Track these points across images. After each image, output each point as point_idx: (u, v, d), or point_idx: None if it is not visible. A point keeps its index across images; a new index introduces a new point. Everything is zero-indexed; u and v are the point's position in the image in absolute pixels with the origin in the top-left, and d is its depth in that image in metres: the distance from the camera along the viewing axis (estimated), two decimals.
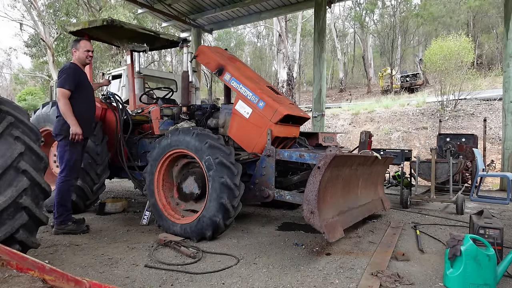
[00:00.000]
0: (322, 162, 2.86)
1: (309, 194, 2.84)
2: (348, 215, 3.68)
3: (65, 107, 3.78)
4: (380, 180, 4.98)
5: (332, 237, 3.00)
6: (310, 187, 2.84)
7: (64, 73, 3.85)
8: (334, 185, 3.38)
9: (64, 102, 3.78)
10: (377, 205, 4.63)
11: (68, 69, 3.90)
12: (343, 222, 3.46)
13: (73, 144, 3.87)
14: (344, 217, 3.53)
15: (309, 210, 2.82)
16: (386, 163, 4.94)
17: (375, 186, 4.74)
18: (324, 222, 2.98)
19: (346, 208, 3.68)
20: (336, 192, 3.47)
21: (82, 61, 4.05)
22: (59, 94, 3.80)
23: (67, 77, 3.83)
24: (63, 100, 3.78)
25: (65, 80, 3.82)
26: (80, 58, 4.04)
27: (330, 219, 3.15)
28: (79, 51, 4.02)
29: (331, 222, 3.11)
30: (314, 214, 2.81)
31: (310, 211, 2.82)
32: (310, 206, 2.82)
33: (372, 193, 4.59)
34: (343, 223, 3.45)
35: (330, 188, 3.27)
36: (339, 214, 3.43)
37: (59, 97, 3.80)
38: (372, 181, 4.61)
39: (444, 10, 30.48)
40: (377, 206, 4.63)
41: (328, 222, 3.05)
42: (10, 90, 38.24)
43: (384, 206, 4.77)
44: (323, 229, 2.88)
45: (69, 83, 3.82)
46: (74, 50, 4.04)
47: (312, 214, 2.81)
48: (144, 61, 24.30)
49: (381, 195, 4.86)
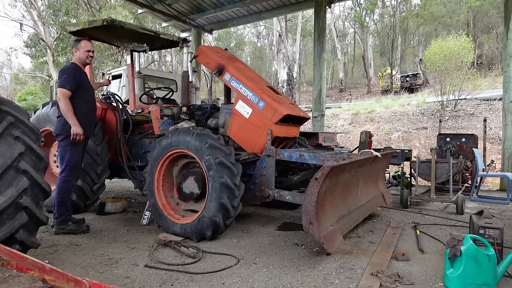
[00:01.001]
0: (319, 173, 2.84)
1: (308, 205, 2.82)
2: (348, 219, 3.67)
3: (66, 107, 3.79)
4: (381, 175, 4.95)
5: (331, 247, 3.00)
6: (308, 198, 2.82)
7: (65, 73, 3.86)
8: (333, 192, 3.36)
9: (65, 103, 3.79)
10: (378, 201, 4.61)
11: (69, 69, 3.90)
12: (343, 227, 3.45)
13: (74, 144, 3.87)
14: (344, 222, 3.52)
15: (308, 221, 2.82)
16: (387, 157, 4.92)
17: (375, 182, 4.72)
18: (323, 232, 2.97)
19: (346, 212, 3.67)
20: (335, 198, 3.45)
21: (82, 61, 4.06)
22: (59, 94, 3.81)
23: (68, 77, 3.84)
24: (64, 100, 3.79)
25: (66, 80, 3.83)
26: (80, 58, 4.04)
27: (329, 228, 3.13)
28: (79, 51, 4.03)
29: (330, 231, 3.09)
30: (313, 225, 2.81)
31: (309, 222, 2.82)
32: (308, 217, 2.81)
33: (372, 190, 4.58)
34: (343, 229, 3.44)
35: (329, 197, 3.25)
36: (338, 220, 3.41)
37: (60, 97, 3.80)
38: (373, 178, 4.59)
39: (444, 10, 30.49)
40: (378, 202, 4.61)
41: (327, 232, 3.03)
42: (10, 90, 38.22)
43: (385, 200, 4.75)
44: (322, 240, 2.88)
45: (70, 83, 3.83)
46: (75, 50, 4.05)
47: (311, 225, 2.81)
48: (144, 61, 24.29)
49: (382, 189, 4.84)
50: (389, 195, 4.89)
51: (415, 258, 3.21)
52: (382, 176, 5.04)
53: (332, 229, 3.16)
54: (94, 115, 4.26)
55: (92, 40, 5.21)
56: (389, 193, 4.95)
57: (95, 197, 4.86)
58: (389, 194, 4.89)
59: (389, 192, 5.01)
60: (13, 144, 2.46)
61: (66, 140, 3.88)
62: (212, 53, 4.40)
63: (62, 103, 3.79)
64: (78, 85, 3.90)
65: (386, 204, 4.79)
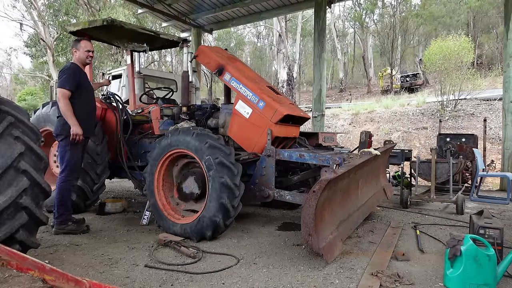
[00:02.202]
0: (317, 187, 2.82)
1: (306, 217, 2.81)
2: (348, 222, 3.63)
3: (66, 108, 3.79)
4: (381, 169, 4.90)
5: (331, 257, 3.00)
6: (307, 210, 2.81)
7: (65, 73, 3.86)
8: (332, 201, 3.33)
9: (65, 103, 3.80)
10: (379, 197, 4.58)
11: (69, 69, 3.90)
12: (343, 233, 3.43)
13: (73, 144, 3.88)
14: (344, 227, 3.49)
15: (307, 232, 2.82)
16: (387, 152, 4.90)
17: (376, 178, 4.68)
18: (323, 242, 2.95)
19: (346, 216, 3.63)
20: (335, 206, 3.41)
21: (82, 61, 4.06)
22: (59, 94, 3.81)
23: (68, 77, 3.84)
24: (63, 100, 3.80)
25: (66, 80, 3.83)
26: (80, 58, 4.04)
27: (329, 237, 3.11)
28: (79, 51, 4.03)
29: (329, 241, 3.07)
30: (312, 236, 2.81)
31: (308, 234, 2.81)
32: (307, 228, 2.81)
33: (373, 187, 4.54)
34: (343, 234, 3.42)
35: (327, 206, 3.22)
36: (338, 226, 3.38)
37: (60, 97, 3.81)
38: (374, 174, 4.57)
39: (444, 10, 30.48)
40: (379, 198, 4.58)
41: (326, 242, 3.01)
42: (10, 90, 38.20)
43: (387, 194, 4.72)
44: (321, 251, 2.87)
45: (70, 84, 3.83)
46: (75, 50, 4.05)
47: (310, 236, 2.81)
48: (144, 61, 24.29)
49: (383, 184, 4.80)
50: (391, 189, 4.84)
51: (415, 258, 3.21)
52: (383, 170, 4.98)
53: (332, 238, 3.13)
54: (94, 115, 4.26)
55: (92, 40, 5.22)
56: (391, 187, 4.89)
57: (95, 197, 4.86)
58: (390, 188, 4.84)
59: (391, 185, 4.94)
60: (13, 144, 2.46)
61: (66, 140, 3.88)
62: (212, 53, 4.40)
63: (62, 103, 3.79)
64: (78, 85, 3.91)
65: (388, 198, 4.76)
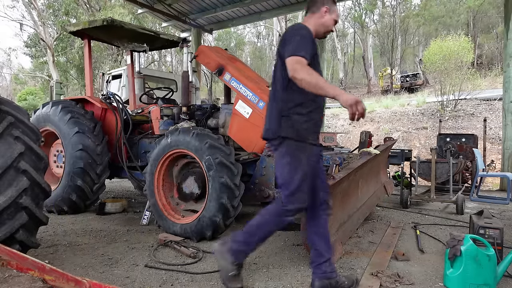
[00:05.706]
0: None
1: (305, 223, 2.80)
2: (348, 224, 3.61)
3: (311, 77, 2.16)
4: (382, 166, 4.88)
5: None
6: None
7: (298, 34, 2.35)
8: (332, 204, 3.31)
9: (308, 72, 2.18)
10: (380, 194, 4.55)
11: (305, 30, 2.40)
12: (343, 236, 3.41)
13: (302, 148, 2.38)
14: (343, 229, 3.47)
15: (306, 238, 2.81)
16: (387, 149, 4.88)
17: (377, 176, 4.66)
18: None
19: (346, 218, 3.60)
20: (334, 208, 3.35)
21: (326, 28, 2.54)
22: (292, 63, 2.23)
23: (305, 41, 2.33)
24: (303, 69, 2.19)
25: (301, 44, 2.29)
26: (325, 25, 2.52)
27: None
28: (328, 15, 2.51)
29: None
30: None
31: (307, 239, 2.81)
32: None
33: (373, 184, 4.52)
34: (343, 237, 3.41)
35: None
36: (338, 229, 3.36)
37: (295, 68, 2.20)
38: (374, 172, 4.55)
39: (444, 10, 30.47)
40: (379, 196, 4.56)
41: None
42: (10, 90, 38.20)
43: (387, 191, 4.70)
44: None
45: (308, 50, 2.30)
46: (326, 9, 2.49)
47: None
48: (144, 61, 24.29)
49: (384, 181, 4.78)
50: (391, 185, 4.80)
51: (415, 258, 3.21)
52: (384, 167, 4.96)
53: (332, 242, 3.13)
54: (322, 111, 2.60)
55: (92, 40, 5.23)
56: (391, 183, 4.85)
57: (95, 197, 4.85)
58: (391, 184, 4.81)
59: (391, 182, 4.91)
60: (13, 144, 2.46)
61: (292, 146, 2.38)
62: (212, 53, 4.40)
63: (302, 74, 2.17)
64: (313, 57, 2.37)
65: (388, 195, 4.74)
